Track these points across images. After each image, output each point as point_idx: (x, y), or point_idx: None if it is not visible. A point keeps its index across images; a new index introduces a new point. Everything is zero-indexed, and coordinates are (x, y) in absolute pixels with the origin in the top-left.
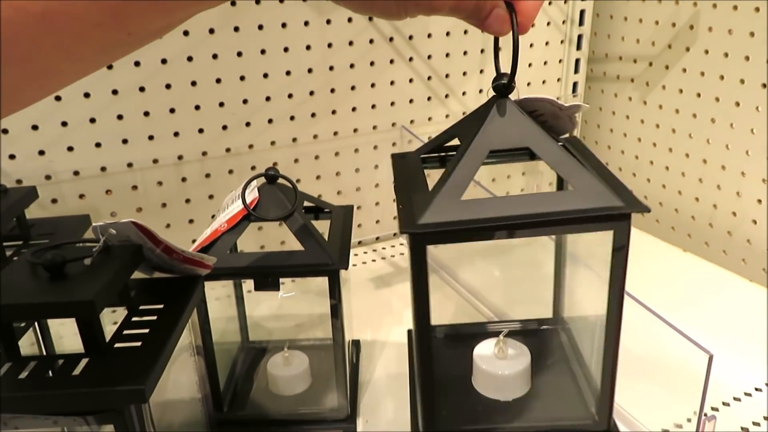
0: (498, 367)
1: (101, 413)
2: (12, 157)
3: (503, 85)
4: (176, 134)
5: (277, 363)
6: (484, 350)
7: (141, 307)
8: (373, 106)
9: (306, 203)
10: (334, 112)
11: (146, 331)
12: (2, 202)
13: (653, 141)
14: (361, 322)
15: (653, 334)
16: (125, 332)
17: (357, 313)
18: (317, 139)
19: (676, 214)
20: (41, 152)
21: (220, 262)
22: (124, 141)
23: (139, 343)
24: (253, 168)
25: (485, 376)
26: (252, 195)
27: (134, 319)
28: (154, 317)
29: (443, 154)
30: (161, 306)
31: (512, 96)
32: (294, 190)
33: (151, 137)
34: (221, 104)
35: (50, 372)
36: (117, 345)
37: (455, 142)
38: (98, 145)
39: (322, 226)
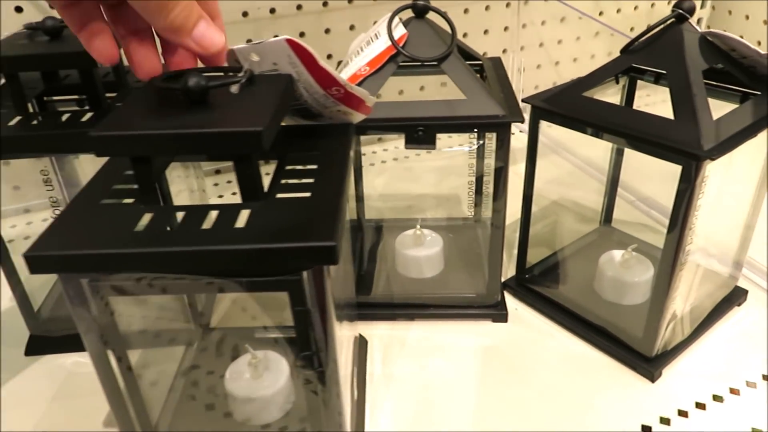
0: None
1: (276, 276)
2: None
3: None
4: None
5: (406, 242)
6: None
7: (292, 155)
8: None
9: None
10: None
11: (309, 181)
12: None
13: None
14: None
15: None
16: (283, 182)
17: None
18: None
19: None
20: None
21: None
22: None
23: (307, 194)
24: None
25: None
26: (398, 31)
27: (288, 167)
28: (314, 166)
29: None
30: (316, 153)
31: None
32: (450, 26)
33: None
34: None
35: (202, 226)
36: (279, 195)
37: None
38: None
39: None
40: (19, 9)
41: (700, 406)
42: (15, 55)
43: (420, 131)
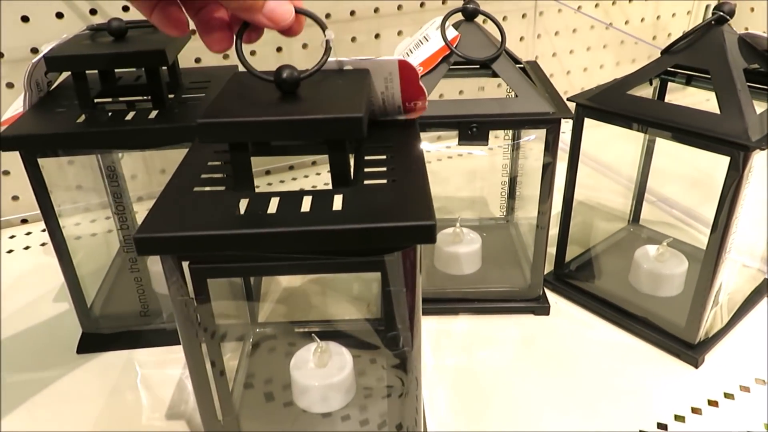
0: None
1: (374, 255)
2: None
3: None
4: None
5: (446, 240)
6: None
7: (367, 147)
8: None
9: None
10: None
11: (390, 168)
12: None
13: None
14: None
15: None
16: (366, 170)
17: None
18: None
19: None
20: None
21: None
22: None
23: (392, 180)
24: None
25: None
26: (450, 33)
27: (367, 157)
28: (391, 156)
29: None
30: (390, 145)
31: None
32: (499, 28)
33: None
34: None
35: (300, 209)
36: (366, 182)
37: None
38: None
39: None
40: (60, 15)
41: (744, 389)
42: (86, 54)
43: (474, 128)
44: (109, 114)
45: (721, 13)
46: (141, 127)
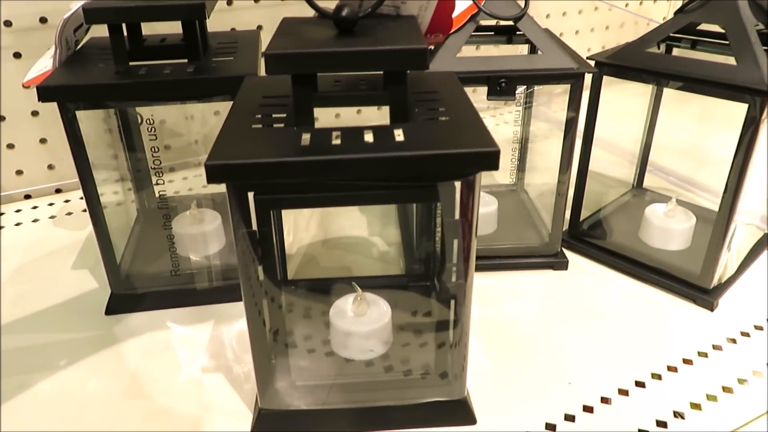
0: None
1: (438, 182)
2: None
3: None
4: None
5: None
6: None
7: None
8: None
9: None
10: None
11: (443, 109)
12: None
13: None
14: None
15: None
16: (419, 110)
17: None
18: None
19: None
20: None
21: (449, 66)
22: None
23: (447, 118)
24: None
25: None
26: None
27: (418, 100)
28: (436, 99)
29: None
30: (436, 91)
31: None
32: None
33: None
34: None
35: (362, 140)
36: (423, 118)
37: None
38: None
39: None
40: None
41: (758, 327)
42: (129, 5)
43: (503, 83)
44: (146, 69)
45: None
46: (182, 78)
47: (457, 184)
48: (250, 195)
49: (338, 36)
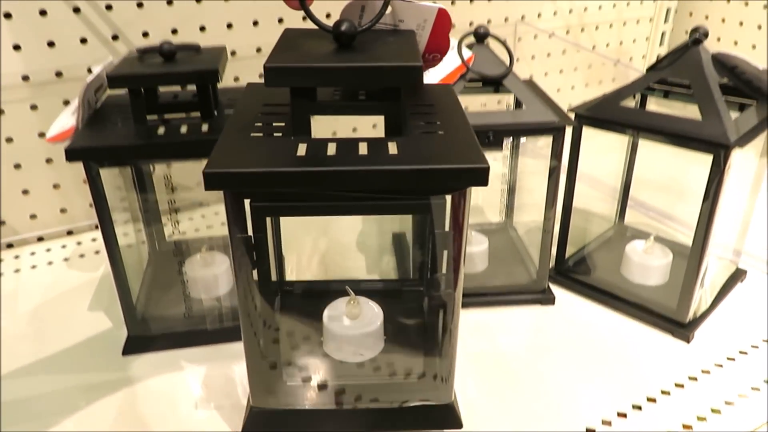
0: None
1: (429, 197)
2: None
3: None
4: None
5: None
6: None
7: (411, 106)
8: None
9: None
10: None
11: (437, 123)
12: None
13: None
14: None
15: None
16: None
17: None
18: None
19: None
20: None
21: None
22: None
23: (440, 132)
24: None
25: None
26: (466, 53)
27: (413, 114)
28: (431, 113)
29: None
30: (431, 104)
31: None
32: (508, 50)
33: None
34: None
35: (358, 153)
36: (417, 132)
37: None
38: None
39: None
40: (83, 40)
41: (730, 359)
42: (149, 72)
43: (490, 136)
44: (164, 128)
45: (698, 35)
46: (197, 138)
47: (448, 198)
48: (247, 202)
49: (337, 50)
